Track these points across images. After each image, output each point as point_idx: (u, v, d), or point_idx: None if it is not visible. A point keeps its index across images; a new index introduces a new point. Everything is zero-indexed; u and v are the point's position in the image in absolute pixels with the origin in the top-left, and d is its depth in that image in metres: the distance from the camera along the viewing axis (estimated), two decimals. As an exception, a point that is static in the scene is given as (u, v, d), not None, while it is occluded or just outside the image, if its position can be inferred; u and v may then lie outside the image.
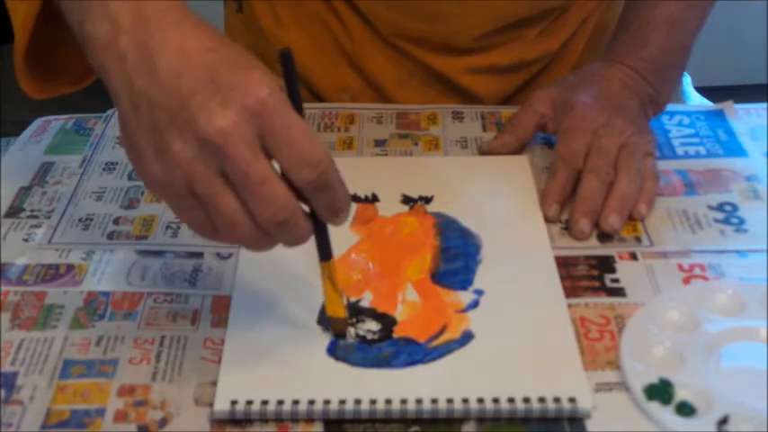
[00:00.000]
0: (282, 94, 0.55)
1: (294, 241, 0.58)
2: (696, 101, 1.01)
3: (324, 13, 0.96)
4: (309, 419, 0.59)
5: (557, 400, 0.59)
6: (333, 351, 0.63)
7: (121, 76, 0.56)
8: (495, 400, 0.59)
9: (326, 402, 0.59)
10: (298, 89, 0.57)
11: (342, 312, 0.64)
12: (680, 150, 0.85)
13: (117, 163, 0.85)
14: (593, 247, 0.73)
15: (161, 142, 0.54)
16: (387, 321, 0.66)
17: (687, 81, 1.03)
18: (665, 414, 0.59)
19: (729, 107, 0.91)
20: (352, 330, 0.65)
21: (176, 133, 0.54)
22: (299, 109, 0.56)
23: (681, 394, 0.59)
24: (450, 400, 0.59)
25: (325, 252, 0.62)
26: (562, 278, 0.69)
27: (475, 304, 0.67)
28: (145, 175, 0.56)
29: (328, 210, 0.58)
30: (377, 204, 0.77)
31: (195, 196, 0.55)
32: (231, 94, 0.54)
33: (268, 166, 0.54)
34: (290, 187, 0.55)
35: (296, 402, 0.59)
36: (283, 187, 0.55)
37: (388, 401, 0.59)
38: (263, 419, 0.59)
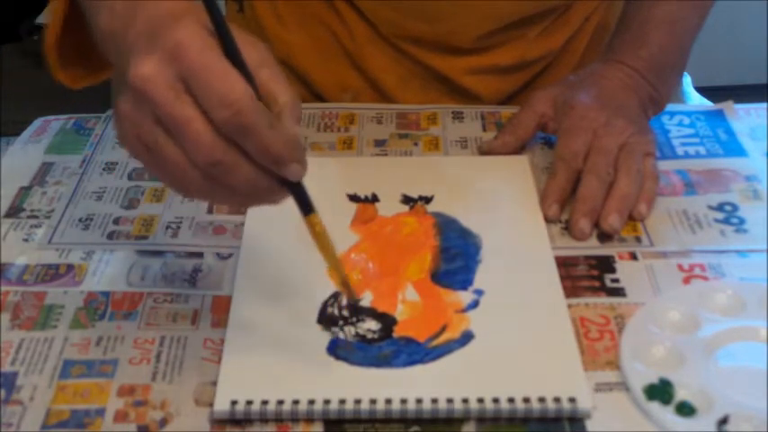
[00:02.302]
0: (204, 37, 0.54)
1: (243, 187, 0.56)
2: (696, 101, 1.01)
3: (325, 14, 0.96)
4: (309, 419, 0.59)
5: (557, 400, 0.59)
6: (333, 351, 0.63)
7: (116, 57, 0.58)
8: (495, 400, 0.59)
9: (326, 402, 0.59)
10: (227, 32, 0.55)
11: (341, 270, 0.62)
12: (680, 150, 0.85)
13: (117, 163, 0.85)
14: (593, 247, 0.73)
15: (115, 103, 0.56)
16: (387, 321, 0.66)
17: (687, 81, 1.03)
18: (665, 414, 0.59)
19: (729, 107, 0.91)
20: (352, 329, 0.65)
21: (122, 90, 0.56)
22: (231, 52, 0.55)
23: (681, 394, 0.59)
24: (450, 400, 0.59)
25: (304, 205, 0.59)
26: (562, 278, 0.69)
27: (475, 304, 0.67)
28: (118, 139, 0.59)
29: (262, 157, 0.55)
30: (377, 204, 0.77)
31: (147, 148, 0.56)
32: (157, 41, 0.54)
33: (192, 107, 0.54)
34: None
35: (296, 402, 0.59)
36: (208, 127, 0.54)
37: (388, 401, 0.59)
38: (263, 419, 0.59)
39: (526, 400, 0.59)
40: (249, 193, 0.57)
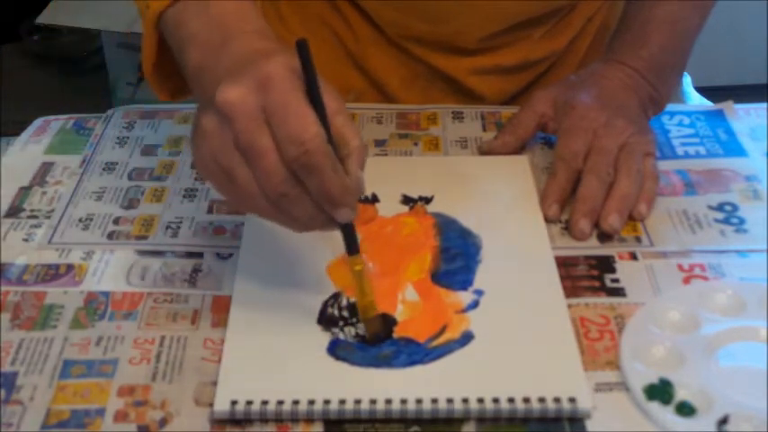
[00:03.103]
0: (292, 76, 0.58)
1: (303, 219, 0.60)
2: (696, 101, 1.01)
3: (328, 14, 0.96)
4: (309, 419, 0.59)
5: (557, 400, 0.59)
6: (333, 351, 0.63)
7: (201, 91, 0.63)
8: (495, 400, 0.59)
9: (326, 402, 0.59)
10: (314, 77, 0.59)
11: (372, 311, 0.64)
12: (680, 150, 0.85)
13: (117, 163, 0.85)
14: (593, 247, 0.73)
15: (197, 120, 0.60)
16: (387, 321, 0.66)
17: (687, 81, 1.03)
18: (665, 414, 0.59)
19: (729, 107, 0.91)
20: (352, 330, 0.65)
21: (205, 111, 0.60)
22: (313, 96, 0.58)
23: (681, 394, 0.59)
24: (450, 400, 0.59)
25: (351, 245, 0.63)
26: (562, 278, 0.69)
27: (475, 304, 0.67)
28: (193, 157, 0.62)
29: (320, 196, 0.59)
30: (377, 204, 0.77)
31: (221, 169, 0.59)
32: (248, 71, 0.58)
33: (269, 139, 0.57)
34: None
35: (296, 402, 0.59)
36: (280, 161, 0.57)
37: (388, 401, 0.59)
38: (263, 419, 0.59)
39: (526, 400, 0.59)
40: (307, 223, 0.61)
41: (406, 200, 0.78)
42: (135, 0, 0.72)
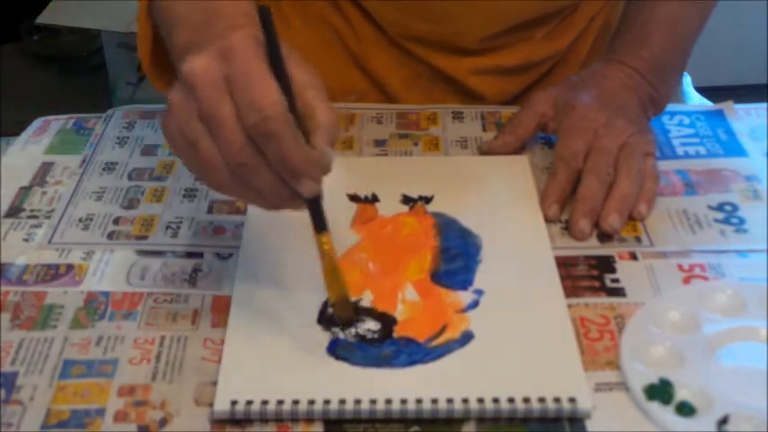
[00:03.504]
0: (256, 46, 0.58)
1: (266, 191, 0.59)
2: (696, 101, 1.01)
3: (330, 14, 0.96)
4: (309, 419, 0.59)
5: (557, 400, 0.59)
6: (333, 351, 0.63)
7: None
8: (495, 400, 0.59)
9: (326, 402, 0.59)
10: (277, 47, 0.59)
11: (344, 291, 0.64)
12: (680, 150, 0.85)
13: (117, 163, 0.85)
14: (593, 247, 0.73)
15: (168, 94, 0.60)
16: (387, 321, 0.66)
17: (687, 81, 1.03)
18: (665, 414, 0.59)
19: (729, 107, 0.91)
20: (352, 330, 0.65)
21: (175, 83, 0.60)
22: (276, 66, 0.58)
23: (681, 394, 0.59)
24: (450, 400, 0.59)
25: (317, 222, 0.62)
26: (562, 278, 0.69)
27: (475, 304, 0.67)
28: (162, 128, 0.62)
29: (279, 166, 0.58)
30: (377, 204, 0.77)
31: (186, 141, 0.59)
32: (213, 42, 0.58)
33: (230, 108, 0.57)
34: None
35: (296, 402, 0.59)
36: (240, 130, 0.57)
37: (388, 401, 0.59)
38: (263, 419, 0.59)
39: (526, 400, 0.59)
40: (271, 198, 0.60)
41: (406, 200, 0.78)
42: None
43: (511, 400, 0.59)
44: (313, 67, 0.61)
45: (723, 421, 0.58)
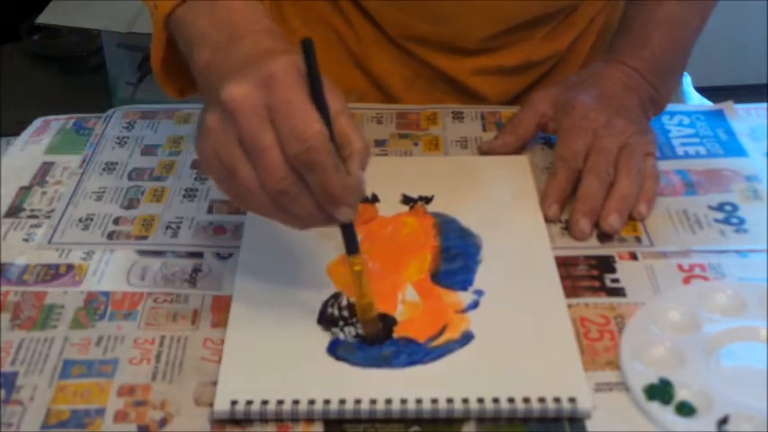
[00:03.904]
0: (296, 75, 0.59)
1: (303, 217, 0.60)
2: (696, 101, 1.01)
3: (330, 14, 0.96)
4: (309, 419, 0.59)
5: (557, 400, 0.59)
6: (333, 351, 0.63)
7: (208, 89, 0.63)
8: (495, 400, 0.59)
9: (326, 402, 0.59)
10: (318, 77, 0.59)
11: (371, 312, 0.64)
12: (680, 150, 0.85)
13: (117, 163, 0.85)
14: (593, 247, 0.73)
15: (201, 118, 0.61)
16: (387, 321, 0.66)
17: (687, 81, 1.03)
18: (665, 414, 0.59)
19: (729, 107, 0.91)
20: (352, 330, 0.65)
21: (209, 108, 0.60)
22: (317, 95, 0.59)
23: (681, 394, 0.59)
24: (450, 400, 0.59)
25: (350, 244, 0.63)
26: (562, 278, 0.69)
27: (475, 304, 0.67)
28: (197, 152, 0.62)
29: (321, 194, 0.59)
30: (377, 204, 0.77)
31: (223, 165, 0.59)
32: (253, 69, 0.59)
33: (272, 136, 0.58)
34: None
35: (296, 402, 0.59)
36: (282, 158, 0.58)
37: (388, 401, 0.59)
38: (263, 419, 0.59)
39: (526, 400, 0.59)
40: (307, 222, 0.61)
41: (406, 200, 0.78)
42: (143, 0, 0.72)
43: (511, 400, 0.59)
44: (340, 91, 0.62)
45: (723, 421, 0.58)
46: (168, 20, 0.70)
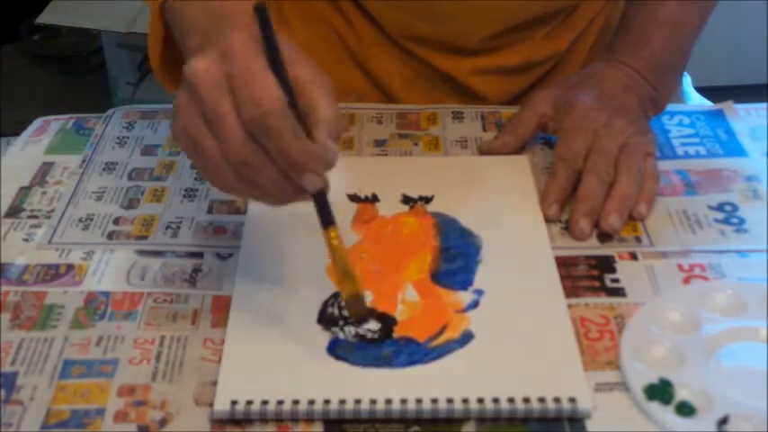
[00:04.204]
0: (255, 44, 0.59)
1: (270, 188, 0.59)
2: (696, 101, 1.01)
3: (330, 14, 0.96)
4: (309, 419, 0.59)
5: (557, 400, 0.59)
6: (333, 351, 0.63)
7: None
8: (495, 400, 0.59)
9: (326, 402, 0.59)
10: (273, 43, 0.59)
11: (356, 288, 0.63)
12: (680, 150, 0.85)
13: (117, 163, 0.85)
14: (593, 247, 0.73)
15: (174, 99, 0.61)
16: (387, 321, 0.66)
17: (687, 81, 1.03)
18: (665, 414, 0.59)
19: (729, 107, 0.91)
20: (352, 329, 0.65)
21: (180, 87, 0.60)
22: (274, 62, 0.59)
23: (681, 394, 0.59)
24: (450, 400, 0.59)
25: (324, 217, 0.61)
26: (562, 278, 0.69)
27: (475, 304, 0.67)
28: (171, 130, 0.62)
29: (281, 161, 0.58)
30: (377, 204, 0.77)
31: (190, 140, 0.59)
32: (213, 43, 0.59)
33: (230, 104, 0.58)
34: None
35: (296, 402, 0.59)
36: (240, 127, 0.58)
37: (388, 401, 0.59)
38: (263, 419, 0.59)
39: (526, 400, 0.59)
40: (276, 195, 0.60)
41: (406, 200, 0.78)
42: None
43: (511, 400, 0.59)
44: (316, 63, 0.62)
45: (723, 421, 0.58)
46: (163, 10, 0.70)
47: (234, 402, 0.59)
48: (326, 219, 0.62)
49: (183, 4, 0.67)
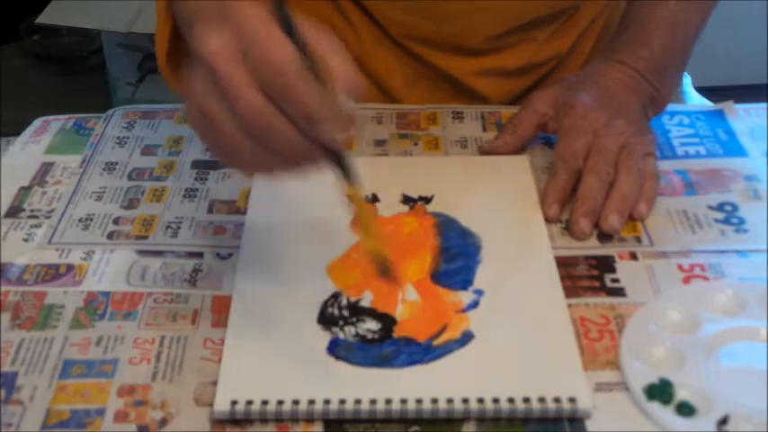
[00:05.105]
0: (265, 14, 0.58)
1: (287, 150, 0.58)
2: (696, 101, 1.01)
3: (331, 14, 0.96)
4: (309, 419, 0.59)
5: (557, 400, 0.59)
6: (333, 351, 0.63)
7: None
8: (495, 400, 0.59)
9: (326, 402, 0.59)
10: (287, 12, 0.59)
11: (379, 247, 0.62)
12: (680, 150, 0.85)
13: (117, 163, 0.85)
14: (593, 247, 0.73)
15: (189, 79, 0.60)
16: (387, 321, 0.66)
17: (687, 81, 1.03)
18: (665, 414, 0.59)
19: (729, 107, 0.91)
20: (352, 329, 0.65)
21: (193, 73, 0.59)
22: (289, 28, 0.58)
23: (681, 394, 0.59)
24: (450, 400, 0.59)
25: (345, 172, 0.60)
26: (562, 278, 0.69)
27: (475, 304, 0.67)
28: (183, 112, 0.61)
29: (300, 116, 0.57)
30: (377, 204, 0.77)
31: (204, 117, 0.58)
32: (226, 20, 0.59)
33: (246, 74, 0.57)
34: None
35: (296, 402, 0.59)
36: (258, 93, 0.57)
37: (388, 401, 0.59)
38: (263, 419, 0.59)
39: (526, 400, 0.59)
40: (292, 158, 0.59)
41: (406, 200, 0.78)
42: None
43: (511, 400, 0.59)
44: (335, 36, 0.61)
45: (723, 421, 0.58)
46: (170, 6, 0.69)
47: (234, 402, 0.59)
48: (349, 172, 0.60)
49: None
